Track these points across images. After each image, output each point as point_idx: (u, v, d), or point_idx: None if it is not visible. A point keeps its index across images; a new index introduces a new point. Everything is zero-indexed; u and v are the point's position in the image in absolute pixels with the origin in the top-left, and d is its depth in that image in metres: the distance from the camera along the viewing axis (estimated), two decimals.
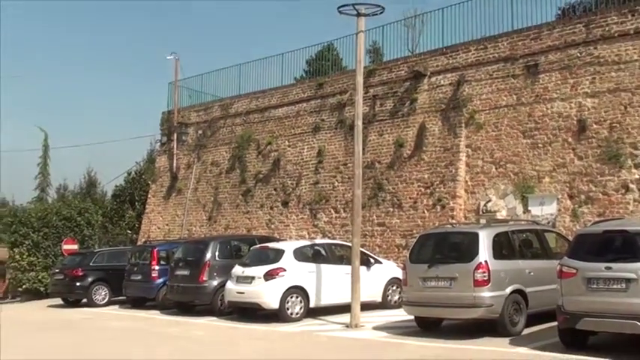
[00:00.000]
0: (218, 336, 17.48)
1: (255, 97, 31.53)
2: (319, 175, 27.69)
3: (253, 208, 30.04)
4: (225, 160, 32.05)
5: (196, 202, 32.95)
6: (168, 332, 18.42)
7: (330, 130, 27.79)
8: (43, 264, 32.59)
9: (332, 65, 30.73)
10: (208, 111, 33.78)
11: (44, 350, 15.27)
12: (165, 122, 36.01)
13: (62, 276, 27.47)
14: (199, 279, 21.28)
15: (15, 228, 33.49)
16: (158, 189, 35.65)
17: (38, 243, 32.94)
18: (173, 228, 33.83)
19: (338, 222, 26.52)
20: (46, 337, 17.87)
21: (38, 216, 33.56)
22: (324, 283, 19.25)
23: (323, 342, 15.53)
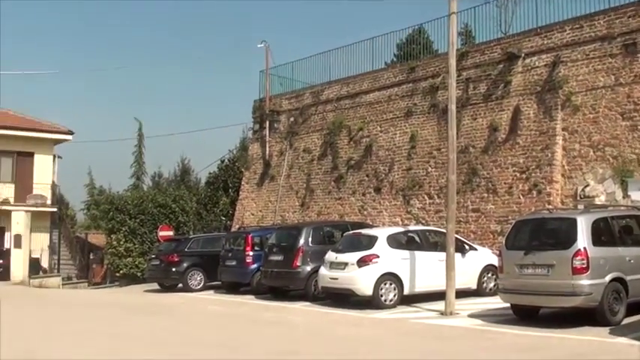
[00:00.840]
0: (313, 321, 17.50)
1: (345, 82, 31.41)
2: (412, 160, 27.44)
3: (345, 194, 30.00)
4: (317, 146, 32.07)
5: (289, 189, 33.09)
6: (263, 317, 18.55)
7: (422, 115, 27.49)
8: (139, 250, 33.33)
9: (423, 49, 30.31)
10: (299, 98, 33.84)
11: (142, 333, 15.52)
12: (257, 110, 36.22)
13: (158, 261, 28.02)
14: (293, 264, 21.41)
15: (112, 215, 34.31)
16: (251, 176, 35.93)
17: (134, 229, 33.68)
18: (266, 214, 34.07)
19: (432, 208, 26.24)
20: (143, 321, 18.19)
21: (134, 203, 34.29)
22: (417, 270, 19.10)
23: (417, 329, 15.39)
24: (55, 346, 13.54)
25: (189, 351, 13.00)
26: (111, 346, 13.51)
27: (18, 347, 13.23)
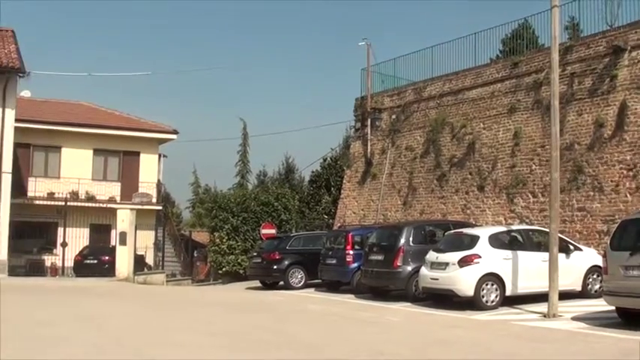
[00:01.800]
0: (412, 322, 17.32)
1: (448, 79, 31.01)
2: (516, 158, 26.87)
3: (448, 192, 29.64)
4: (420, 144, 31.79)
5: (391, 187, 32.92)
6: (362, 317, 18.44)
7: (526, 111, 26.89)
8: (242, 247, 33.73)
9: (527, 44, 29.63)
10: (401, 95, 33.60)
11: (244, 330, 15.65)
12: (358, 108, 36.16)
13: (260, 259, 28.32)
14: (393, 264, 21.27)
15: (215, 213, 34.83)
16: (353, 174, 35.90)
17: (237, 227, 34.10)
18: (368, 213, 33.99)
19: (536, 207, 25.65)
20: (244, 318, 18.35)
21: (237, 201, 34.72)
22: (520, 270, 18.68)
23: (518, 332, 15.01)
24: (151, 343, 13.76)
25: (279, 349, 13.03)
26: (206, 343, 13.65)
27: (112, 341, 13.52)
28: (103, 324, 16.58)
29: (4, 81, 32.16)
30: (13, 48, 33.64)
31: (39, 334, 14.42)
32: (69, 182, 39.99)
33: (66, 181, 40.14)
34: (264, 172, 63.87)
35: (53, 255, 38.03)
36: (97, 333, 14.75)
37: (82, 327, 15.82)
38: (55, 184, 40.04)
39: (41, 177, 40.53)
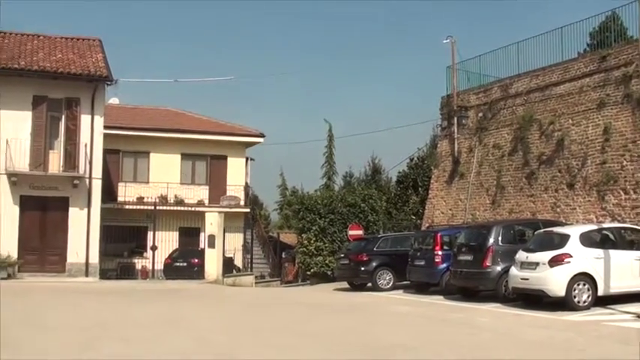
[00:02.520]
0: (502, 323, 17.03)
1: (534, 75, 30.42)
2: (606, 154, 26.18)
3: (537, 191, 29.09)
4: (507, 142, 31.29)
5: (479, 186, 32.50)
6: (450, 318, 18.23)
7: (615, 106, 26.16)
8: (329, 249, 33.80)
9: (616, 36, 28.84)
10: (487, 93, 33.14)
11: (333, 331, 15.65)
12: (444, 107, 35.83)
13: (348, 260, 28.31)
14: (483, 264, 21.02)
15: (302, 215, 34.99)
16: (440, 174, 35.58)
17: (324, 229, 34.19)
18: (456, 213, 33.64)
19: (628, 204, 24.93)
20: (333, 319, 18.35)
21: (324, 203, 34.80)
22: (612, 269, 18.23)
23: (610, 333, 14.62)
24: (242, 344, 13.88)
25: (370, 351, 12.98)
26: (297, 344, 13.70)
27: (203, 342, 13.67)
28: (194, 325, 16.79)
29: (92, 89, 33.00)
30: (100, 57, 34.45)
31: (135, 336, 14.72)
32: (158, 187, 40.76)
33: (155, 185, 40.94)
34: (351, 174, 63.90)
35: (143, 258, 38.77)
36: (188, 334, 14.94)
37: (173, 329, 16.06)
38: (144, 188, 40.89)
39: (130, 182, 41.46)
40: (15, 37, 35.70)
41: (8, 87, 32.16)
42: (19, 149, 31.70)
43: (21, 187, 32.10)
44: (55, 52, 34.66)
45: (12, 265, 30.91)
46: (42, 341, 14.01)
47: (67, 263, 32.59)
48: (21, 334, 14.91)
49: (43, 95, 32.57)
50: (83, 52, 35.14)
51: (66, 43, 36.12)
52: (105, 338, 14.32)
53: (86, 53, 34.96)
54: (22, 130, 32.04)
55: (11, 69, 32.22)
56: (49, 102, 32.70)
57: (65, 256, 32.69)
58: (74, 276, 32.05)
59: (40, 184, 32.45)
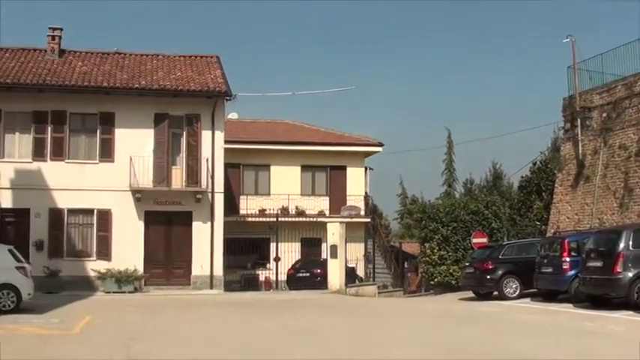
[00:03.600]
0: (636, 332, 16.28)
1: None
2: None
3: None
4: (634, 142, 30.02)
5: (605, 189, 31.31)
6: (582, 327, 17.60)
7: None
8: (453, 257, 33.26)
9: None
10: (611, 92, 31.92)
11: (460, 342, 15.31)
12: (567, 108, 34.75)
13: (472, 269, 27.79)
14: (613, 270, 20.23)
15: (425, 224, 34.58)
16: (565, 177, 34.50)
17: (447, 237, 33.67)
18: (582, 217, 32.50)
19: None
20: (460, 329, 17.96)
21: (446, 211, 34.29)
22: None
23: None
24: (367, 355, 13.72)
25: None
26: (423, 355, 13.44)
27: (327, 353, 13.58)
28: (318, 336, 16.74)
29: (212, 105, 33.57)
30: (219, 73, 35.05)
31: (261, 347, 14.78)
32: (279, 198, 41.13)
33: (276, 197, 41.33)
34: (471, 180, 63.06)
35: (266, 269, 39.14)
36: (313, 345, 14.88)
37: (298, 339, 16.05)
38: (265, 200, 41.36)
39: (252, 195, 42.01)
40: (135, 57, 36.76)
41: (130, 106, 33.18)
42: (143, 166, 32.52)
43: (145, 202, 32.93)
44: (174, 70, 35.49)
45: (138, 279, 31.71)
46: (170, 353, 14.23)
47: (192, 276, 33.22)
48: (151, 346, 15.20)
49: (164, 113, 33.36)
50: (202, 69, 35.84)
51: (184, 61, 36.92)
52: (232, 349, 14.42)
53: (205, 70, 35.63)
54: (145, 147, 32.88)
55: (132, 88, 33.22)
56: (171, 119, 33.46)
57: (190, 268, 33.34)
58: (199, 288, 32.62)
59: (163, 199, 33.21)
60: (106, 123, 33.13)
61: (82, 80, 33.25)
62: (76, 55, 36.22)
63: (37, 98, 32.78)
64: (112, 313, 23.10)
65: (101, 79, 33.64)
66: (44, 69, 33.90)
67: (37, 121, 32.73)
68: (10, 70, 33.25)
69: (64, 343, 15.99)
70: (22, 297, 22.42)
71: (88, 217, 32.97)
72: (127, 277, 31.13)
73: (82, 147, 33.24)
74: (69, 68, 34.46)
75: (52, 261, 31.57)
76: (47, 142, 32.68)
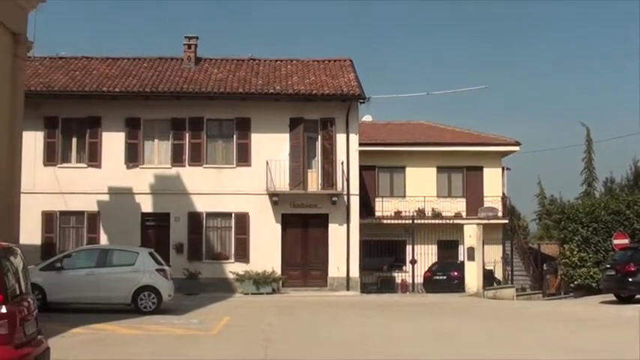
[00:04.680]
0: None
1: None
2: None
3: None
4: None
5: None
6: None
7: None
8: (593, 259, 32.13)
9: None
10: None
11: (602, 347, 14.85)
12: None
13: (614, 271, 26.83)
14: None
15: (564, 224, 33.57)
16: None
17: (588, 238, 32.56)
18: None
19: None
20: (600, 334, 17.44)
21: (586, 211, 33.17)
22: None
23: None
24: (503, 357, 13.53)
25: None
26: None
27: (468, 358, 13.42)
28: (455, 339, 16.57)
29: (346, 108, 33.74)
30: (352, 76, 35.20)
31: (398, 350, 14.76)
32: (414, 200, 40.88)
33: (411, 199, 41.09)
34: (612, 179, 60.83)
35: (403, 272, 38.98)
36: (448, 348, 14.75)
37: (434, 342, 15.95)
38: (400, 202, 41.20)
39: (387, 197, 41.92)
40: (269, 63, 37.43)
41: (265, 111, 33.80)
42: (279, 170, 33.03)
43: (282, 205, 33.42)
44: (308, 75, 35.91)
45: (276, 281, 32.17)
46: (308, 354, 14.39)
47: (329, 277, 33.50)
48: (288, 347, 15.43)
49: (299, 117, 33.77)
50: (335, 73, 36.10)
51: (318, 65, 37.28)
52: (369, 350, 14.46)
53: (338, 74, 35.88)
54: (281, 151, 33.37)
55: (267, 94, 33.82)
56: (305, 123, 33.82)
57: (327, 270, 33.64)
58: (335, 290, 32.86)
59: (300, 202, 33.61)
60: (242, 128, 33.85)
61: (218, 87, 34.15)
62: (212, 62, 37.25)
63: (174, 106, 33.91)
64: (250, 314, 23.56)
65: (237, 85, 34.43)
66: (181, 77, 35.03)
67: (175, 127, 33.82)
68: (149, 80, 34.59)
69: (203, 344, 16.45)
70: (162, 298, 23.18)
71: (226, 221, 33.78)
72: (264, 278, 31.66)
73: (219, 152, 34.10)
74: (205, 76, 35.45)
75: (191, 263, 32.55)
76: (185, 148, 33.71)
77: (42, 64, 36.26)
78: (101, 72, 35.47)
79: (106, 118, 33.72)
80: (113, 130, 33.60)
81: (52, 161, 33.53)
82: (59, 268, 23.64)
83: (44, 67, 35.97)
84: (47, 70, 35.75)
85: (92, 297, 23.14)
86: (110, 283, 23.11)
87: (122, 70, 35.76)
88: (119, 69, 35.94)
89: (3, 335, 9.23)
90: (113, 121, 33.63)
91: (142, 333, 18.22)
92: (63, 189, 32.94)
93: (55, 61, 37.06)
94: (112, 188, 33.19)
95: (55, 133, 33.72)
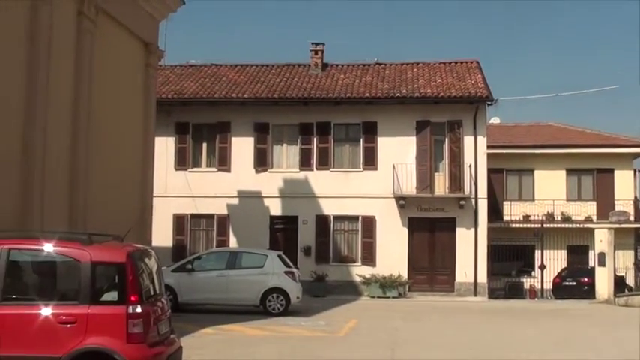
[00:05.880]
0: None
1: None
2: None
3: None
4: None
5: None
6: None
7: None
8: None
9: None
10: None
11: None
12: None
13: None
14: None
15: None
16: None
17: None
18: None
19: None
20: None
21: None
22: None
23: None
24: None
25: None
26: None
27: None
28: (579, 347, 16.14)
29: (473, 111, 33.34)
30: (480, 78, 34.78)
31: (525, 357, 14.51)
32: (543, 204, 39.96)
33: (540, 203, 40.18)
34: None
35: (531, 277, 38.21)
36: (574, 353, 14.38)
37: (566, 352, 15.57)
38: (529, 206, 40.29)
39: (515, 200, 41.08)
40: (395, 66, 37.51)
41: (392, 114, 33.77)
42: (406, 173, 32.93)
43: (409, 209, 33.31)
44: (434, 77, 35.71)
45: (403, 285, 32.10)
46: (434, 358, 14.29)
47: (456, 282, 33.16)
48: (414, 351, 15.38)
49: (426, 120, 33.57)
50: (462, 74, 35.77)
51: (444, 67, 37.05)
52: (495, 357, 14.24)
53: (465, 75, 35.54)
54: (407, 154, 33.27)
55: (393, 97, 33.83)
56: (432, 126, 33.58)
57: (454, 275, 33.31)
58: (463, 295, 32.51)
59: (427, 206, 33.40)
60: (369, 132, 33.94)
61: (344, 92, 34.41)
62: (338, 68, 37.61)
63: (302, 111, 34.33)
64: (376, 317, 23.59)
65: (363, 89, 34.59)
66: (308, 83, 35.52)
67: (303, 132, 34.26)
68: (277, 86, 35.25)
69: (330, 345, 16.58)
70: (290, 300, 23.46)
71: (353, 224, 33.94)
72: (391, 282, 31.66)
73: (346, 156, 34.30)
74: (332, 81, 35.80)
75: (318, 266, 32.84)
76: (313, 153, 34.09)
77: (173, 72, 37.52)
78: (230, 78, 36.38)
79: (235, 123, 34.49)
80: (242, 135, 34.32)
81: (183, 166, 34.56)
82: (190, 270, 24.32)
83: (175, 75, 37.16)
84: (178, 77, 36.91)
85: (222, 298, 23.67)
86: (239, 284, 23.58)
87: (251, 77, 36.55)
88: (248, 75, 36.75)
89: (138, 334, 9.54)
90: (242, 126, 34.38)
91: (270, 334, 18.50)
92: (193, 193, 33.89)
93: (185, 69, 38.27)
94: (241, 192, 33.90)
95: (186, 138, 34.74)
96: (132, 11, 21.70)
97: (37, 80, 16.21)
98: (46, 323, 9.52)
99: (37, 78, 16.23)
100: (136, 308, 9.55)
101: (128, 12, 21.39)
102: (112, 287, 9.88)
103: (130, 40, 21.96)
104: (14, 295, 9.89)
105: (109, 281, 9.99)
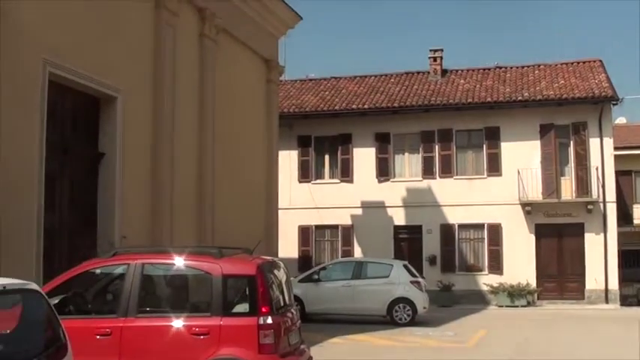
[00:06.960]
0: None
1: None
2: None
3: None
4: None
5: None
6: None
7: None
8: None
9: None
10: None
11: None
12: None
13: None
14: None
15: None
16: None
17: None
18: None
19: None
20: None
21: None
22: None
23: None
24: None
25: None
26: None
27: None
28: None
29: (598, 111, 32.40)
30: (604, 77, 33.81)
31: None
32: None
33: None
34: None
35: None
36: None
37: None
38: None
39: None
40: (516, 69, 36.94)
41: (514, 118, 33.21)
42: (531, 178, 32.29)
43: (535, 215, 32.64)
44: (556, 78, 34.90)
45: (531, 293, 31.45)
46: None
47: (586, 290, 32.20)
48: None
49: (550, 123, 32.84)
50: (585, 74, 34.85)
51: (567, 68, 36.20)
52: None
53: (588, 75, 34.61)
54: (532, 159, 32.61)
55: (515, 101, 33.26)
56: (556, 129, 32.82)
57: (583, 282, 32.34)
58: (593, 303, 31.54)
59: (553, 211, 32.60)
60: (492, 137, 33.47)
61: (465, 97, 34.07)
62: (458, 73, 37.30)
63: (423, 119, 34.18)
64: (506, 327, 23.18)
65: (484, 94, 34.16)
66: (428, 90, 35.37)
67: (424, 140, 34.11)
68: (396, 95, 35.27)
69: (460, 356, 16.40)
70: (417, 310, 23.31)
71: (479, 232, 33.48)
72: (519, 290, 31.06)
73: (469, 163, 33.94)
74: (452, 87, 35.53)
75: (444, 275, 32.57)
76: (435, 160, 33.88)
77: (293, 86, 38.11)
78: (350, 90, 36.61)
79: (356, 134, 34.65)
80: (363, 145, 34.45)
81: (307, 178, 34.95)
82: (316, 280, 24.52)
83: (295, 89, 37.72)
84: (298, 91, 37.44)
85: (348, 308, 23.75)
86: (366, 294, 23.60)
87: (370, 87, 36.69)
88: (367, 86, 36.90)
89: (269, 345, 9.62)
90: (363, 137, 34.51)
91: (399, 344, 18.42)
92: (317, 204, 34.20)
93: (305, 83, 38.78)
94: (365, 202, 33.98)
95: (309, 151, 35.14)
96: (252, 30, 22.20)
97: (162, 105, 16.69)
98: (179, 335, 9.72)
99: (163, 102, 16.70)
100: (267, 319, 9.64)
101: (248, 31, 21.88)
102: (243, 299, 10.00)
103: (251, 57, 22.49)
104: (148, 308, 10.17)
105: (239, 293, 10.13)
